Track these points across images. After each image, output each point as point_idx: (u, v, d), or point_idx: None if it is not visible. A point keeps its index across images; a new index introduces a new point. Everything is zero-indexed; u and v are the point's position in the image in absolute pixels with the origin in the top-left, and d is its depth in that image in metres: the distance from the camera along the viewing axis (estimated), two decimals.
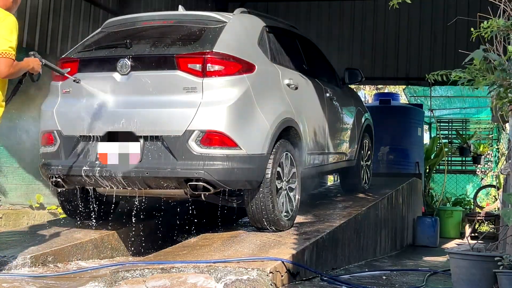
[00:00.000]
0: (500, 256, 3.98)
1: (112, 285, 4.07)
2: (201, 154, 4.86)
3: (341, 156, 7.11)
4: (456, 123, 15.99)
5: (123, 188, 5.23)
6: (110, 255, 5.64)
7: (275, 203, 5.21)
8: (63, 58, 5.53)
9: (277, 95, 5.49)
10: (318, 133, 6.28)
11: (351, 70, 7.38)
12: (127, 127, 5.03)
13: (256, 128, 5.11)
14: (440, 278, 5.40)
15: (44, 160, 5.37)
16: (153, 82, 5.06)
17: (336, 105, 6.95)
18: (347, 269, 5.77)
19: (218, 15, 5.50)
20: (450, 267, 4.39)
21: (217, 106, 4.92)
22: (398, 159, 11.40)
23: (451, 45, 12.52)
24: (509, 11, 4.06)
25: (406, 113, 11.90)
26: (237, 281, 3.94)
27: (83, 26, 9.55)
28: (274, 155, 5.21)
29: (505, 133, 12.35)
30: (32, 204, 8.11)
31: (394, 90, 20.15)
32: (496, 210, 12.09)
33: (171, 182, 5.00)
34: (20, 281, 4.24)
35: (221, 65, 4.99)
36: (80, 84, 5.14)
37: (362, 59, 13.56)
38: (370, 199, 7.38)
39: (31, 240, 5.33)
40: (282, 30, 6.34)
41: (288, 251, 4.62)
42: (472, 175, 15.40)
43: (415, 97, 15.47)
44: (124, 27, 5.73)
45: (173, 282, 3.92)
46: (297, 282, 4.57)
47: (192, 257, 4.48)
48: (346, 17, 13.82)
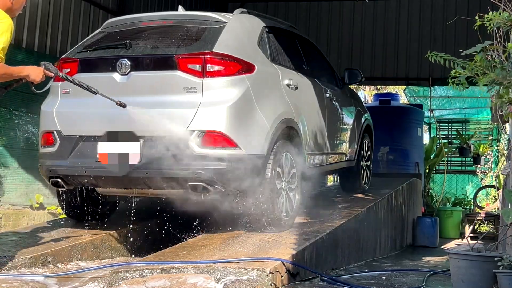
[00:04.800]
0: (500, 256, 3.98)
1: (111, 285, 4.07)
2: (201, 154, 4.86)
3: (341, 156, 7.11)
4: (456, 123, 15.99)
5: (123, 188, 5.22)
6: (109, 255, 5.64)
7: (275, 203, 5.21)
8: (63, 58, 5.53)
9: (277, 96, 5.49)
10: (318, 133, 6.28)
11: (350, 70, 7.39)
12: (127, 127, 5.03)
13: (256, 129, 5.11)
14: (440, 278, 5.40)
15: (44, 160, 5.37)
16: (153, 82, 5.06)
17: (336, 106, 6.95)
18: (346, 269, 5.77)
19: (218, 15, 5.50)
20: (450, 267, 4.39)
21: (217, 106, 4.92)
22: (398, 159, 11.40)
23: (451, 45, 12.52)
24: (508, 11, 4.06)
25: (406, 113, 11.91)
26: (237, 281, 3.94)
27: (83, 26, 9.56)
28: (274, 155, 5.21)
29: (505, 133, 12.34)
30: (32, 204, 8.11)
31: (394, 90, 20.15)
32: (496, 210, 12.10)
33: (171, 182, 5.00)
34: (19, 282, 4.24)
35: (221, 66, 4.99)
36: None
37: (362, 59, 13.57)
38: (370, 199, 7.38)
39: (31, 241, 5.33)
40: (282, 31, 6.34)
41: (288, 252, 4.62)
42: (472, 175, 15.40)
43: (415, 97, 15.48)
44: (124, 28, 5.72)
45: (173, 282, 3.92)
46: (297, 282, 4.57)
47: (192, 257, 4.47)
48: (346, 17, 13.82)
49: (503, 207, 5.15)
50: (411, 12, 13.30)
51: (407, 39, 13.49)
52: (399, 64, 13.62)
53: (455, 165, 15.68)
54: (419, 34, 13.39)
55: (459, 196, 14.60)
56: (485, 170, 15.11)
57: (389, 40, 13.59)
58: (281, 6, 14.00)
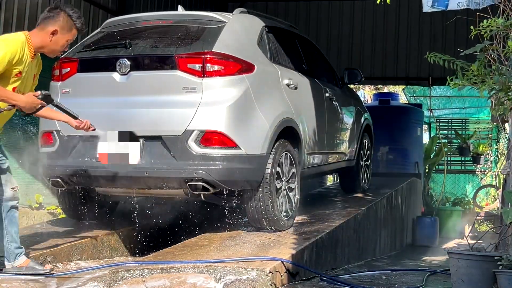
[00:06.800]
0: (500, 256, 3.98)
1: (111, 285, 4.07)
2: (201, 154, 4.86)
3: (340, 156, 7.11)
4: (456, 123, 16.00)
5: (123, 188, 5.22)
6: (109, 255, 5.63)
7: (275, 203, 5.21)
8: (63, 58, 5.52)
9: (276, 95, 5.49)
10: (318, 133, 6.28)
11: (350, 70, 7.39)
12: (127, 127, 5.02)
13: (255, 128, 5.11)
14: (440, 278, 5.40)
15: (44, 160, 5.37)
16: (152, 82, 5.06)
17: (336, 105, 6.95)
18: (346, 269, 5.77)
19: (218, 15, 5.50)
20: (450, 267, 4.38)
21: (216, 106, 4.92)
22: (397, 159, 11.40)
23: (450, 45, 12.52)
24: (508, 10, 4.06)
25: (405, 113, 11.91)
26: (236, 281, 3.95)
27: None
28: (274, 155, 5.21)
29: (504, 133, 12.34)
30: (31, 204, 8.10)
31: (394, 90, 20.15)
32: (496, 210, 12.10)
33: (171, 182, 5.00)
34: (19, 281, 4.24)
35: (220, 65, 4.99)
36: (80, 84, 5.14)
37: (362, 59, 13.57)
38: (370, 199, 7.38)
39: (30, 240, 5.32)
40: (281, 30, 6.34)
41: (288, 251, 4.62)
42: (472, 175, 15.41)
43: (414, 97, 15.49)
44: (123, 27, 5.72)
45: (173, 282, 3.92)
46: (297, 282, 4.57)
47: (192, 257, 4.47)
48: (345, 17, 13.82)
49: (503, 206, 5.15)
50: (411, 12, 13.30)
51: (407, 38, 13.49)
52: (399, 64, 13.63)
53: (455, 164, 15.69)
54: (419, 33, 13.39)
55: (459, 195, 14.60)
56: (485, 170, 15.12)
57: (389, 40, 13.60)
58: (281, 6, 14.00)
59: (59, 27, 4.25)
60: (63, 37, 4.28)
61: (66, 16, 4.27)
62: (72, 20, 4.29)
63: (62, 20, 4.26)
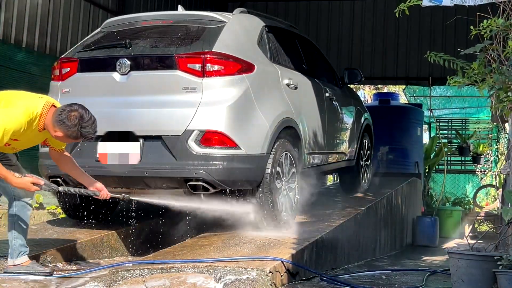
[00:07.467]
0: (500, 256, 3.98)
1: (111, 285, 4.07)
2: (201, 154, 4.86)
3: (340, 156, 7.11)
4: (456, 123, 16.01)
5: (123, 188, 5.22)
6: (109, 255, 5.64)
7: (275, 203, 5.21)
8: (63, 58, 5.53)
9: (276, 95, 5.49)
10: (318, 133, 6.28)
11: (350, 70, 7.39)
12: (127, 127, 5.03)
13: (255, 128, 5.11)
14: (440, 278, 5.40)
15: (44, 159, 5.37)
16: (152, 82, 5.06)
17: (336, 105, 6.95)
18: (346, 269, 5.77)
19: (218, 15, 5.50)
20: (450, 267, 4.38)
21: (216, 106, 4.92)
22: (397, 159, 11.39)
23: (450, 44, 12.53)
24: (508, 10, 4.06)
25: (405, 113, 11.90)
26: (236, 281, 3.94)
27: (83, 26, 9.56)
28: (274, 155, 5.21)
29: (504, 133, 12.34)
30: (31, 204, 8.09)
31: (394, 90, 20.16)
32: (496, 210, 12.10)
33: (171, 182, 5.00)
34: (19, 281, 4.24)
35: (220, 65, 4.99)
36: (80, 84, 5.13)
37: (362, 59, 13.57)
38: (370, 199, 7.38)
39: (30, 240, 5.31)
40: (281, 30, 6.34)
41: (288, 251, 4.62)
42: (472, 175, 15.41)
43: (414, 97, 15.49)
44: (123, 27, 5.72)
45: (173, 281, 3.92)
46: (297, 282, 4.57)
47: (192, 256, 4.47)
48: (345, 17, 13.83)
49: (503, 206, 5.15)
50: (411, 12, 13.29)
51: (407, 38, 13.49)
52: (399, 64, 13.63)
53: (455, 164, 15.69)
54: (419, 33, 13.39)
55: (459, 195, 14.61)
56: (485, 170, 15.12)
57: (389, 40, 13.60)
58: (281, 6, 14.01)
59: (65, 136, 4.10)
60: (68, 140, 4.20)
61: (78, 131, 4.06)
62: (81, 134, 4.08)
63: (72, 132, 4.06)
